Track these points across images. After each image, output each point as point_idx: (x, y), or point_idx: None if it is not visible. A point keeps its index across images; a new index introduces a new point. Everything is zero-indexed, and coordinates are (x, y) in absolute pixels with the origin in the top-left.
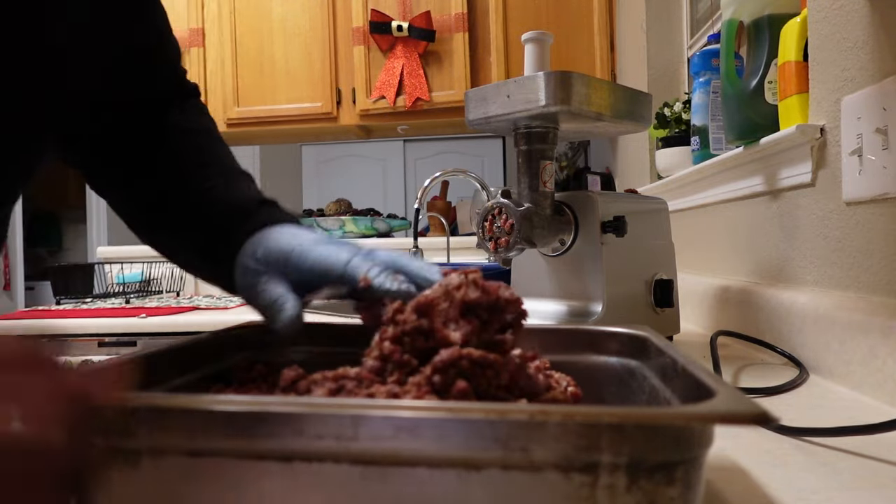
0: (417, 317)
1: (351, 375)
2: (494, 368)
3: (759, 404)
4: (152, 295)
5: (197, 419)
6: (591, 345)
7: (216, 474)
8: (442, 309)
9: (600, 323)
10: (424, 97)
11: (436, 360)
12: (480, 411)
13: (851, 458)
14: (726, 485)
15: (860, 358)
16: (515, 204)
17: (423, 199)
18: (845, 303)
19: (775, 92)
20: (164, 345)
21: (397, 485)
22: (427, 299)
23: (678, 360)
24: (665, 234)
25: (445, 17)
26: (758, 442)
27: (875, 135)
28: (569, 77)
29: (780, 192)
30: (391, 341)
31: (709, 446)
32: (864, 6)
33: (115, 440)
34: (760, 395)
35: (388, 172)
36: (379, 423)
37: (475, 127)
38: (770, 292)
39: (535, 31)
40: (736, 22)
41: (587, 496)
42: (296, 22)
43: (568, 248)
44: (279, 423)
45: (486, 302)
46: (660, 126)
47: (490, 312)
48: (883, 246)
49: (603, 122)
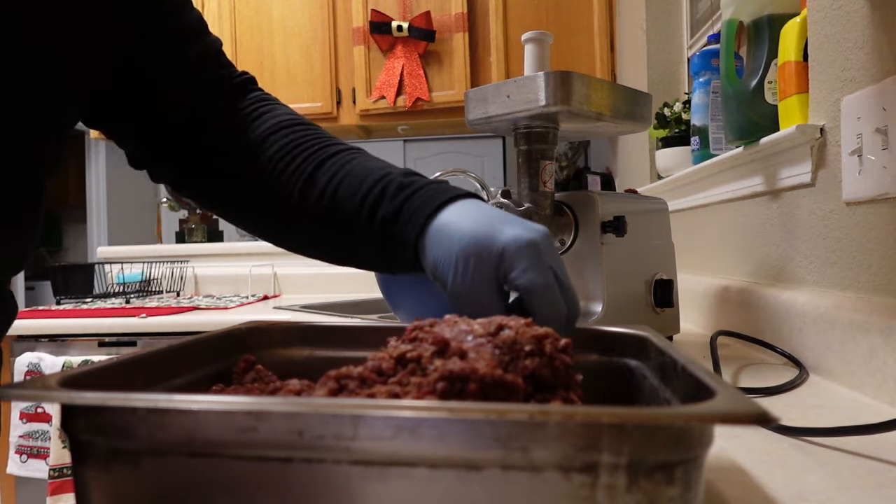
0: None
1: (353, 375)
2: (507, 391)
3: (759, 404)
4: (152, 295)
5: (197, 419)
6: (591, 345)
7: (216, 474)
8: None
9: (600, 323)
10: (424, 97)
11: (444, 369)
12: (480, 411)
13: (851, 458)
14: (726, 485)
15: (860, 358)
16: (515, 204)
17: None
18: (845, 303)
19: (775, 92)
20: (164, 345)
21: (397, 485)
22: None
23: (678, 360)
24: (665, 234)
25: (445, 17)
26: (758, 442)
27: (875, 135)
28: (569, 77)
29: (780, 192)
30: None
31: (709, 446)
32: (864, 6)
33: (116, 440)
34: (760, 395)
35: None
36: (379, 423)
37: (475, 127)
38: (770, 292)
39: (535, 31)
40: (736, 22)
41: (587, 496)
42: (296, 22)
43: (568, 249)
44: (279, 423)
45: (550, 375)
46: (660, 126)
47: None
48: (883, 246)
49: (603, 122)
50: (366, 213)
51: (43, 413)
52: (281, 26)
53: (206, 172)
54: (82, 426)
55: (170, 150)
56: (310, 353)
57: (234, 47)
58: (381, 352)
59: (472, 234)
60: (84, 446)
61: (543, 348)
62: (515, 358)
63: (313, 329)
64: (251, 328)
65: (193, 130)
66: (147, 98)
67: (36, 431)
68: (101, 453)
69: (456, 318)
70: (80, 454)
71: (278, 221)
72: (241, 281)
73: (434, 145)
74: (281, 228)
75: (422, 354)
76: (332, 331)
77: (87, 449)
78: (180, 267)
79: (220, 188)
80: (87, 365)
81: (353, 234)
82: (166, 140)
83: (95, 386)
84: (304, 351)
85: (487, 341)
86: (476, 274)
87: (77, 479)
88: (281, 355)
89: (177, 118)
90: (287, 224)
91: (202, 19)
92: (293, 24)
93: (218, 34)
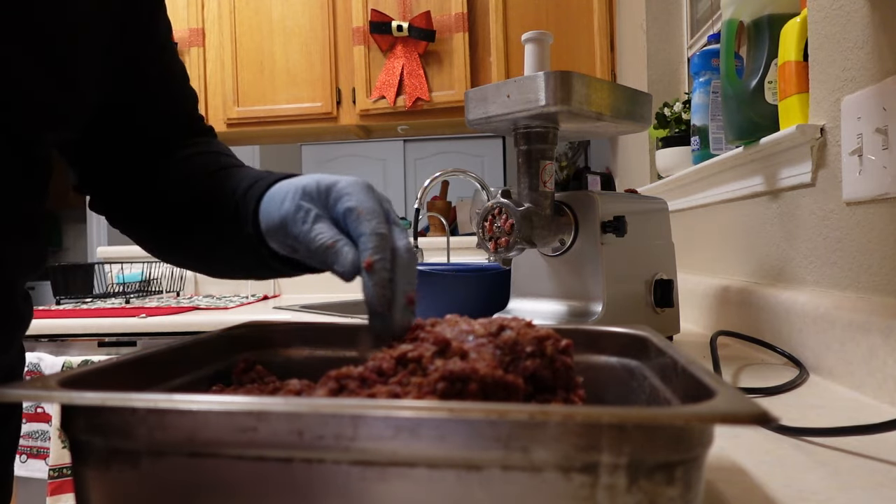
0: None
1: (354, 375)
2: (508, 391)
3: (759, 404)
4: (152, 295)
5: (197, 419)
6: (591, 345)
7: (216, 474)
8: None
9: (600, 323)
10: (424, 97)
11: (445, 369)
12: (480, 411)
13: (851, 458)
14: (726, 485)
15: (860, 358)
16: (515, 204)
17: (423, 199)
18: (845, 303)
19: (775, 92)
20: (164, 345)
21: (397, 485)
22: (494, 377)
23: (678, 360)
24: (665, 234)
25: (445, 17)
26: (758, 442)
27: (875, 135)
28: (569, 77)
29: (780, 192)
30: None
31: (709, 446)
32: (864, 6)
33: (115, 440)
34: (760, 395)
35: (388, 172)
36: (379, 423)
37: (475, 127)
38: (770, 292)
39: (535, 31)
40: (736, 22)
41: (587, 496)
42: (296, 22)
43: (568, 248)
44: (279, 423)
45: (550, 376)
46: (660, 126)
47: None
48: (883, 246)
49: (603, 122)
50: (230, 210)
51: (43, 413)
52: (281, 26)
53: (148, 203)
54: (82, 426)
55: (120, 180)
56: (310, 353)
57: (233, 47)
58: (382, 352)
59: (304, 182)
60: (84, 446)
61: (545, 349)
62: (516, 358)
63: (313, 329)
64: (251, 328)
65: (145, 169)
66: (122, 130)
67: (36, 431)
68: (101, 453)
69: (457, 318)
70: (80, 454)
71: (165, 237)
72: (240, 281)
73: (434, 145)
74: (168, 245)
75: (423, 354)
76: (332, 331)
77: (86, 449)
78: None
79: (149, 219)
80: (86, 365)
81: (224, 234)
82: (120, 171)
83: (95, 386)
84: (304, 351)
85: (488, 341)
86: (303, 208)
87: (77, 479)
88: (281, 355)
89: (140, 153)
90: (170, 240)
91: (185, 71)
92: (293, 24)
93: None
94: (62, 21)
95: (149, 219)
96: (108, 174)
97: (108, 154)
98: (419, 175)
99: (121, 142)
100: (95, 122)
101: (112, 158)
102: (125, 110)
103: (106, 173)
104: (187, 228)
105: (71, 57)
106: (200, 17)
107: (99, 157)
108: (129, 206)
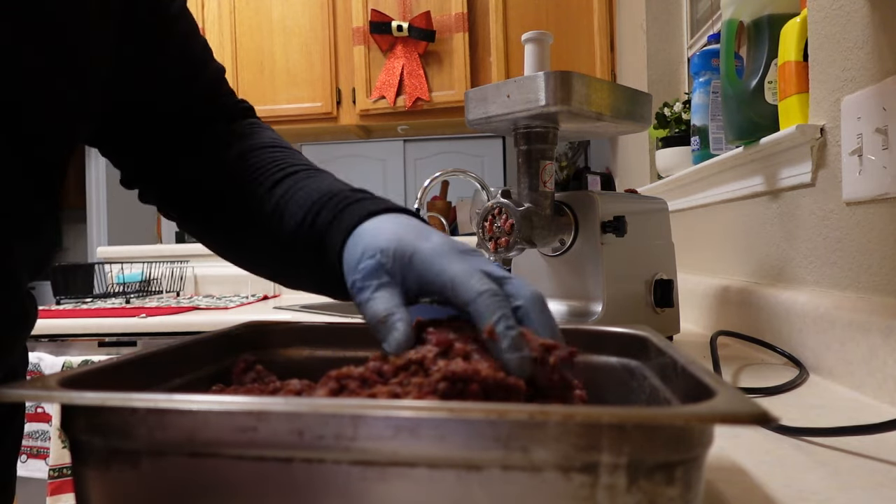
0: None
1: (354, 375)
2: (509, 393)
3: (759, 404)
4: (152, 295)
5: (197, 419)
6: (591, 345)
7: (216, 474)
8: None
9: (600, 323)
10: (424, 97)
11: (447, 370)
12: (480, 411)
13: (851, 458)
14: (726, 485)
15: (860, 358)
16: (515, 204)
17: (423, 199)
18: (845, 303)
19: (775, 92)
20: (164, 345)
21: (397, 485)
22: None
23: (678, 360)
24: (665, 234)
25: (445, 17)
26: (758, 442)
27: (875, 135)
28: (569, 77)
29: (780, 192)
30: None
31: (709, 446)
32: (864, 6)
33: (115, 440)
34: (760, 395)
35: (388, 172)
36: (379, 423)
37: (475, 127)
38: (770, 292)
39: (535, 31)
40: (736, 22)
41: (587, 496)
42: (296, 22)
43: (568, 248)
44: (279, 423)
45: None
46: (660, 126)
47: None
48: (883, 246)
49: (603, 122)
50: (307, 224)
51: (43, 413)
52: (281, 26)
53: (187, 196)
54: (82, 426)
55: (158, 172)
56: (310, 353)
57: (234, 47)
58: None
59: (392, 235)
60: (84, 446)
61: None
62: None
63: (313, 329)
64: (251, 328)
65: (183, 154)
66: (146, 121)
67: (36, 431)
68: (101, 453)
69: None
70: (80, 454)
71: (232, 235)
72: (240, 281)
73: (434, 145)
74: (232, 243)
75: (425, 355)
76: (332, 331)
77: (86, 449)
78: (180, 267)
79: (198, 211)
80: (86, 365)
81: (296, 246)
82: (156, 162)
83: (95, 386)
84: (304, 351)
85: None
86: (375, 266)
87: (77, 479)
88: (281, 355)
89: (171, 141)
90: (238, 239)
91: (207, 46)
92: (293, 23)
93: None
94: (73, 8)
95: (199, 219)
96: (144, 162)
97: (139, 141)
98: (419, 175)
99: (148, 126)
100: (117, 111)
101: (145, 145)
102: (145, 92)
103: (142, 162)
104: (244, 234)
105: (82, 46)
106: (200, 17)
107: (131, 146)
108: (178, 200)
